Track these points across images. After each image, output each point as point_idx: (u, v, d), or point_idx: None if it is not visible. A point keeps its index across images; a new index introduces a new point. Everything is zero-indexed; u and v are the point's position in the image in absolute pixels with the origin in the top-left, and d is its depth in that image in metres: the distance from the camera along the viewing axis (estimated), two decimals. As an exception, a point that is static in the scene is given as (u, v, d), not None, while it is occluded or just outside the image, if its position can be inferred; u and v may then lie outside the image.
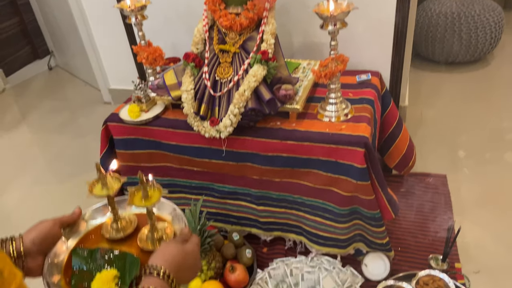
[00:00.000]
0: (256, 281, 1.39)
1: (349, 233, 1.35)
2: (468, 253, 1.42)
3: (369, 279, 1.37)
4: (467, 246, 1.44)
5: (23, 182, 2.13)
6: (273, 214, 1.44)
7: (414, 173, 1.73)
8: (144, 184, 0.76)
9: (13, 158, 2.36)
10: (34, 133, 2.59)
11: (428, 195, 1.65)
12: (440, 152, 1.88)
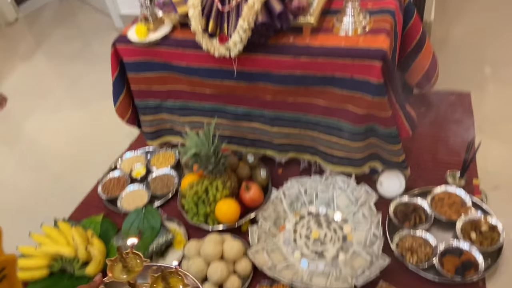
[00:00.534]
0: (271, 199, 1.42)
1: (365, 152, 1.33)
2: (487, 169, 1.39)
3: (384, 197, 1.37)
4: (487, 162, 1.41)
5: (44, 109, 2.17)
6: (287, 135, 1.42)
7: (436, 91, 1.65)
8: (123, 256, 0.69)
9: (32, 86, 2.39)
10: (50, 61, 2.59)
11: (450, 113, 1.59)
12: (465, 69, 1.78)
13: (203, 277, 1.22)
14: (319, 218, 1.37)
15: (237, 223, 1.36)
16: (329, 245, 1.29)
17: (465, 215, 1.22)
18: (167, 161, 1.64)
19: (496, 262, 1.14)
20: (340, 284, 1.14)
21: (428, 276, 1.14)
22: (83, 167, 1.77)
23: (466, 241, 1.17)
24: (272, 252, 1.29)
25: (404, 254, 1.19)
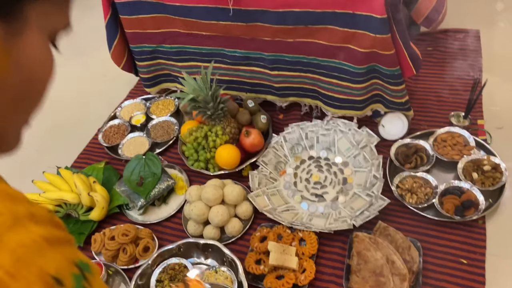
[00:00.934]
0: (272, 144, 1.41)
1: (367, 94, 1.30)
2: (493, 110, 1.36)
3: (386, 139, 1.35)
4: (493, 102, 1.37)
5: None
6: (288, 79, 1.38)
7: (443, 29, 1.58)
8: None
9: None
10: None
11: (457, 51, 1.53)
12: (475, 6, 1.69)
13: (205, 220, 1.24)
14: (320, 162, 1.36)
15: (237, 168, 1.36)
16: (329, 187, 1.29)
17: (467, 156, 1.21)
18: (167, 108, 1.62)
19: (497, 201, 1.13)
20: (339, 224, 1.16)
21: (428, 215, 1.14)
22: (83, 116, 1.76)
23: (467, 181, 1.16)
24: (272, 195, 1.29)
25: (404, 194, 1.19)
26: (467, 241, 1.10)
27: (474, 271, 1.04)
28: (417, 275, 1.04)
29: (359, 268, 1.07)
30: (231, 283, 1.08)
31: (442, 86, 1.47)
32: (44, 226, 0.32)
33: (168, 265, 1.15)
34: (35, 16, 0.34)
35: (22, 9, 0.33)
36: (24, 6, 0.33)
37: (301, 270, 1.11)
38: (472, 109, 1.27)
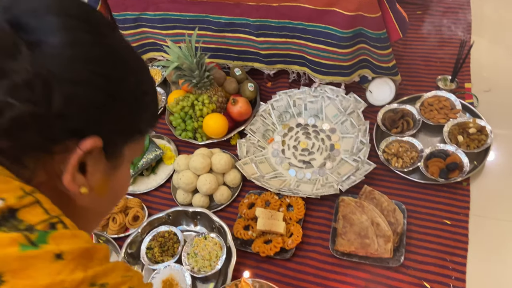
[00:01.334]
0: (259, 113, 1.40)
1: (353, 59, 1.28)
2: (481, 73, 1.35)
3: (374, 105, 1.35)
4: (481, 66, 1.36)
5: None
6: (274, 45, 1.36)
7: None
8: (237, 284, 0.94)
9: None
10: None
11: (446, 15, 1.50)
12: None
13: (193, 189, 1.25)
14: (308, 129, 1.36)
15: (225, 137, 1.36)
16: (317, 154, 1.29)
17: (453, 119, 1.21)
18: (154, 78, 1.60)
19: (482, 163, 1.14)
20: (326, 189, 1.17)
21: (413, 178, 1.16)
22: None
23: (452, 144, 1.16)
24: (260, 163, 1.30)
25: (390, 159, 1.20)
26: (451, 203, 1.11)
27: (458, 231, 1.06)
28: (401, 236, 1.06)
29: (344, 231, 1.09)
30: (220, 249, 1.10)
31: (430, 50, 1.45)
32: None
33: (158, 233, 1.17)
34: (128, 153, 0.46)
35: (122, 150, 0.45)
36: (124, 147, 0.45)
37: (288, 235, 1.13)
38: (459, 72, 1.27)
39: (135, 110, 0.45)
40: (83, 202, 0.43)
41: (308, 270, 1.08)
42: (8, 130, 0.35)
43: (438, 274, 1.00)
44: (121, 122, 0.43)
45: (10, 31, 0.36)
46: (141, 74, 0.46)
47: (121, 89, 0.42)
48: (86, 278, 0.35)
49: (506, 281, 0.98)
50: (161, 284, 1.07)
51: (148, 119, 0.48)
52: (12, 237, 0.33)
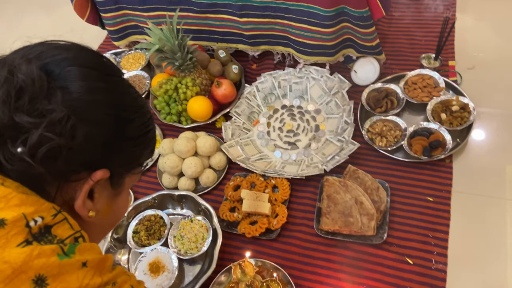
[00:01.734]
0: (244, 95, 1.40)
1: (337, 38, 1.27)
2: (465, 50, 1.35)
3: (359, 85, 1.35)
4: (466, 43, 1.36)
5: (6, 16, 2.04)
6: (257, 26, 1.35)
7: (418, -31, 1.53)
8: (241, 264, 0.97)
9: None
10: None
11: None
12: None
13: (179, 172, 1.25)
14: (293, 110, 1.36)
15: (210, 120, 1.35)
16: (302, 135, 1.29)
17: (437, 97, 1.21)
18: (138, 62, 1.58)
19: (464, 140, 1.15)
20: (310, 170, 1.17)
21: (397, 157, 1.16)
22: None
23: (435, 122, 1.17)
24: (246, 145, 1.30)
25: (374, 138, 1.20)
26: (434, 180, 1.12)
27: (440, 207, 1.08)
28: (385, 214, 1.07)
29: (329, 210, 1.09)
30: (206, 231, 1.11)
31: (415, 28, 1.44)
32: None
33: (144, 217, 1.17)
34: (128, 182, 0.55)
35: (124, 179, 0.54)
36: (126, 177, 0.54)
37: (274, 215, 1.14)
38: (442, 50, 1.26)
39: (139, 147, 0.54)
40: (90, 221, 0.51)
41: (294, 249, 1.09)
42: (45, 159, 0.43)
43: (420, 250, 1.02)
44: (127, 157, 0.52)
45: (45, 78, 0.44)
46: (144, 115, 0.54)
47: (129, 129, 0.50)
48: (102, 282, 0.44)
49: (487, 255, 1.00)
50: (148, 267, 1.07)
51: (148, 153, 0.57)
52: (52, 248, 0.41)
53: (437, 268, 0.99)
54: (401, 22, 1.46)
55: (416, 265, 1.00)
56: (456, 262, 0.99)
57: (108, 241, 1.13)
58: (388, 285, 0.99)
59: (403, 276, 0.99)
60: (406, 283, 0.98)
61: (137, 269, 1.07)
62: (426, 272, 0.99)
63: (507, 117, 1.20)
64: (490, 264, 0.98)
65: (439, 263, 1.00)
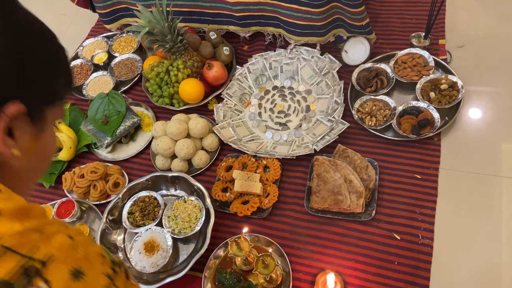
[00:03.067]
0: (236, 76, 1.40)
1: (327, 18, 1.27)
2: (455, 29, 1.35)
3: (349, 65, 1.35)
4: (456, 22, 1.36)
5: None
6: (248, 7, 1.34)
7: None
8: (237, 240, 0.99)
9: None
10: None
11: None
12: None
13: (172, 154, 1.27)
14: (284, 91, 1.37)
15: (202, 102, 1.36)
16: (293, 116, 1.31)
17: (426, 76, 1.22)
18: (129, 45, 1.58)
19: (452, 118, 1.16)
20: (301, 150, 1.19)
21: (386, 136, 1.18)
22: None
23: (424, 101, 1.18)
24: (237, 127, 1.31)
25: (364, 118, 1.21)
26: (422, 158, 1.14)
27: (427, 184, 1.10)
28: (373, 191, 1.09)
29: (318, 189, 1.12)
30: (199, 211, 1.13)
31: (405, 7, 1.44)
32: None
33: (138, 198, 1.19)
34: (50, 116, 0.52)
35: (45, 114, 0.50)
36: (46, 111, 0.50)
37: (265, 195, 1.16)
38: (432, 29, 1.26)
39: (51, 77, 0.51)
40: (17, 163, 0.48)
41: (285, 227, 1.11)
42: None
43: (407, 226, 1.05)
44: (39, 89, 0.49)
45: None
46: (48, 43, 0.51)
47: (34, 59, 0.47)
48: (24, 228, 0.40)
49: (472, 230, 1.02)
50: (143, 246, 1.10)
51: (65, 85, 0.54)
52: None
53: (423, 243, 1.02)
54: (392, 1, 1.46)
55: (404, 241, 1.03)
56: (443, 237, 1.02)
57: (103, 222, 1.15)
58: (376, 260, 1.02)
59: (390, 251, 1.02)
60: (393, 257, 1.01)
61: (133, 248, 1.10)
62: (413, 247, 1.02)
63: (496, 95, 1.21)
64: (476, 239, 1.01)
65: (425, 238, 1.02)
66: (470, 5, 1.41)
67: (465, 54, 1.29)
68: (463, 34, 1.33)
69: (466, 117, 1.19)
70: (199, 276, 1.08)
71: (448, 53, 1.29)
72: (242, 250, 0.99)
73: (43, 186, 1.31)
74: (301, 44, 1.38)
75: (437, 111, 1.15)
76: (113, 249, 1.15)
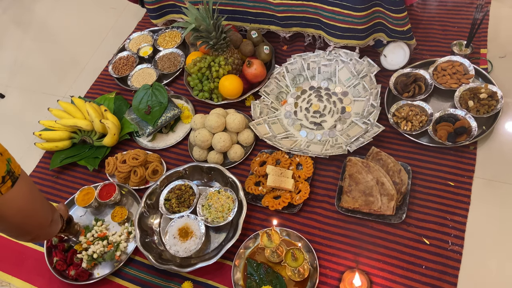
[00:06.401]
0: (274, 75, 1.44)
1: (368, 22, 1.29)
2: (498, 39, 1.33)
3: (388, 69, 1.36)
4: (499, 31, 1.34)
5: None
6: (290, 8, 1.38)
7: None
8: (268, 232, 1.02)
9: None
10: None
11: (467, -23, 1.47)
12: None
13: (209, 146, 1.32)
14: (320, 92, 1.39)
15: (240, 98, 1.41)
16: (328, 116, 1.33)
17: (465, 84, 1.22)
18: (173, 40, 1.65)
19: (490, 128, 1.16)
20: (334, 150, 1.21)
21: (421, 141, 1.19)
22: (94, 48, 1.80)
23: (462, 109, 1.18)
24: (273, 124, 1.35)
25: (399, 122, 1.22)
26: (456, 166, 1.14)
27: (460, 192, 1.10)
28: (405, 195, 1.11)
29: (350, 189, 1.14)
30: (232, 202, 1.18)
31: (448, 14, 1.43)
32: None
33: (175, 186, 1.25)
34: None
35: None
36: None
37: (296, 191, 1.19)
38: (474, 37, 1.26)
39: None
40: None
41: (314, 224, 1.14)
42: None
43: (437, 231, 1.05)
44: None
45: None
46: None
47: None
48: None
49: (504, 241, 1.02)
50: (178, 232, 1.16)
51: None
52: None
53: (453, 250, 1.02)
54: (434, 8, 1.46)
55: (433, 246, 1.04)
56: (473, 245, 1.02)
57: (142, 206, 1.22)
58: (404, 262, 1.03)
59: (419, 255, 1.03)
60: (421, 261, 1.02)
61: (168, 233, 1.16)
62: (441, 252, 1.02)
63: (537, 107, 1.19)
64: (507, 249, 1.00)
65: (455, 245, 1.03)
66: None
67: (507, 65, 1.28)
68: (506, 45, 1.32)
69: (504, 128, 1.19)
70: (229, 264, 1.12)
71: (489, 62, 1.28)
72: (272, 242, 1.02)
73: (87, 169, 1.40)
74: (340, 47, 1.40)
75: (475, 120, 1.15)
76: (149, 231, 1.21)
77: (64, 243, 1.23)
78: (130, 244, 1.22)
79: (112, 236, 1.22)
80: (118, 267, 1.17)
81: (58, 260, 1.19)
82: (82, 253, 1.19)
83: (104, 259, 1.19)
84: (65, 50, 1.72)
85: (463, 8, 1.43)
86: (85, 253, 1.18)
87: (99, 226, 1.25)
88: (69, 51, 1.80)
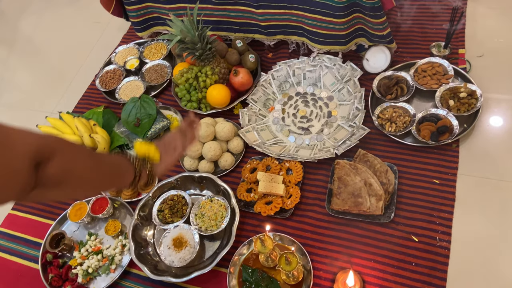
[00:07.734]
0: (261, 83, 1.47)
1: (349, 28, 1.33)
2: (475, 38, 1.38)
3: (370, 73, 1.40)
4: (476, 31, 1.39)
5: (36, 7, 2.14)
6: (273, 17, 1.41)
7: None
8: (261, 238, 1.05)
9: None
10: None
11: (442, -19, 1.52)
12: None
13: (199, 155, 1.34)
14: (306, 97, 1.42)
15: (228, 106, 1.43)
16: (315, 121, 1.36)
17: (445, 84, 1.26)
18: (159, 52, 1.67)
19: (471, 125, 1.20)
20: (323, 154, 1.24)
21: (405, 141, 1.22)
22: (80, 63, 1.81)
23: (443, 109, 1.22)
24: (262, 131, 1.37)
25: (384, 124, 1.26)
26: (440, 164, 1.18)
27: (445, 189, 1.14)
28: (393, 195, 1.14)
29: (339, 191, 1.17)
30: (225, 210, 1.20)
31: (426, 18, 1.48)
32: None
33: (168, 197, 1.26)
34: None
35: None
36: None
37: (287, 196, 1.22)
38: (451, 38, 1.30)
39: None
40: None
41: (306, 227, 1.17)
42: None
43: (425, 228, 1.09)
44: None
45: None
46: None
47: None
48: None
49: (488, 233, 1.05)
50: (172, 242, 1.17)
51: None
52: None
53: (441, 246, 1.05)
54: (413, 12, 1.50)
55: (421, 243, 1.07)
56: (460, 240, 1.05)
57: (135, 218, 1.23)
58: (394, 260, 1.06)
59: (408, 253, 1.06)
60: (411, 258, 1.05)
61: (162, 243, 1.17)
62: (430, 249, 1.06)
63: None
64: (493, 243, 1.04)
65: (443, 241, 1.06)
66: (491, 15, 1.44)
67: (485, 63, 1.32)
68: (483, 43, 1.37)
69: (485, 125, 1.23)
70: (224, 271, 1.14)
71: (467, 62, 1.33)
72: (266, 247, 1.04)
73: (78, 183, 1.40)
74: (323, 52, 1.43)
75: (456, 118, 1.19)
76: (143, 243, 1.22)
77: (59, 259, 1.24)
78: (125, 256, 1.22)
79: (106, 249, 1.23)
80: (114, 280, 1.18)
81: (53, 276, 1.19)
82: (77, 268, 1.20)
83: (99, 273, 1.20)
84: (51, 66, 1.72)
85: (440, 10, 1.48)
86: (80, 268, 1.19)
87: (93, 241, 1.26)
88: (55, 67, 1.80)
